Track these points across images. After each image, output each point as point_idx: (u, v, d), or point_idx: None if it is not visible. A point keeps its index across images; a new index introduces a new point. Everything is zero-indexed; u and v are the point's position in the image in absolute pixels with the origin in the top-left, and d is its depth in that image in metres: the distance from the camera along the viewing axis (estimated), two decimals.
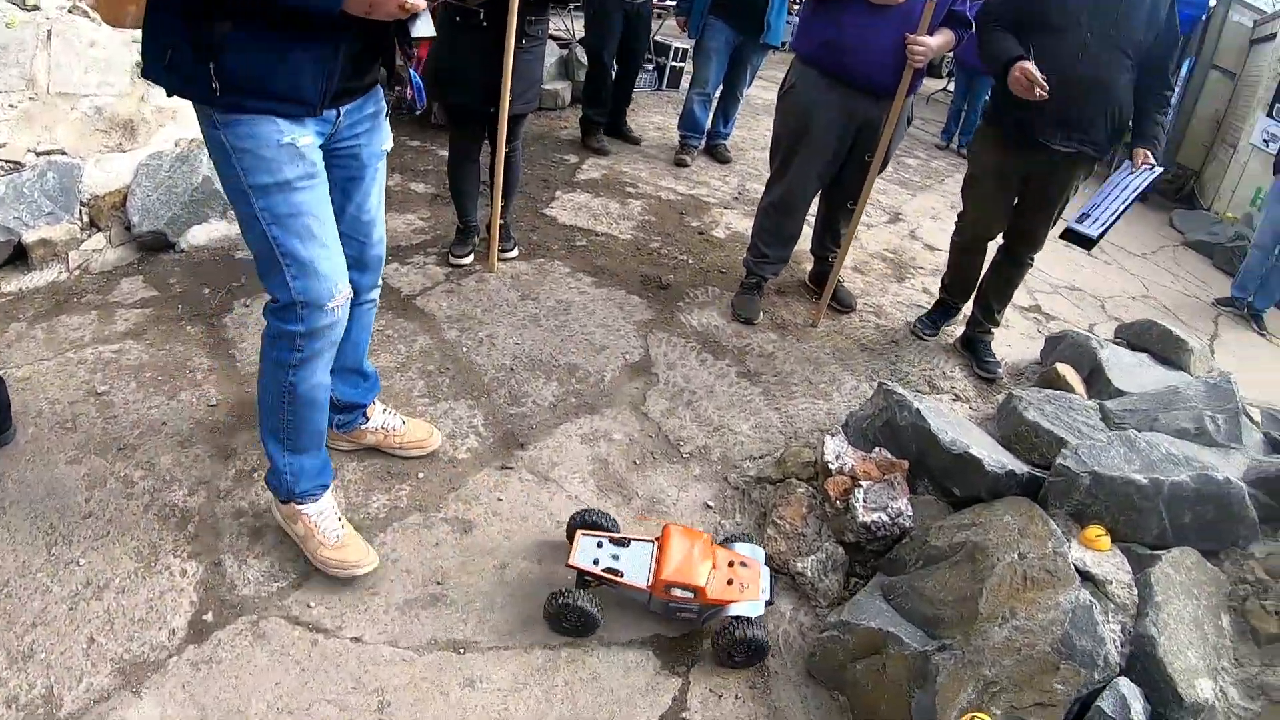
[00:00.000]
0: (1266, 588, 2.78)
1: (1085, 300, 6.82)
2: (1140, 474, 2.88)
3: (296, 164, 2.19)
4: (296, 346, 2.39)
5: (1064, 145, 4.11)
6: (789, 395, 4.14)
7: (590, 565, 2.69)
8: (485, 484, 3.19)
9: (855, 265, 5.94)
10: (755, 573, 2.75)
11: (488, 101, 4.19)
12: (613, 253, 5.17)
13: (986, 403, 4.47)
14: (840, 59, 4.04)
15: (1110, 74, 3.99)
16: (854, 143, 4.31)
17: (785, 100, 4.36)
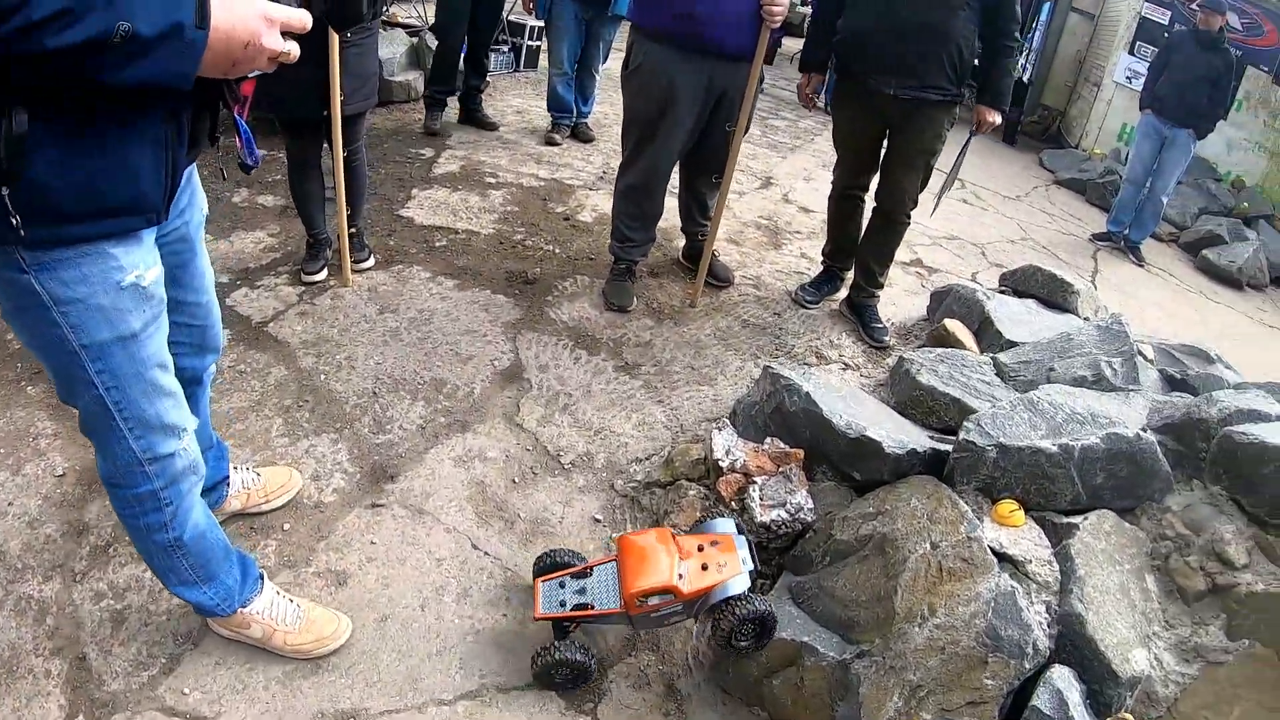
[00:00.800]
0: (1188, 542, 2.70)
1: (965, 249, 6.79)
2: (1048, 440, 2.75)
3: (143, 308, 1.75)
4: (163, 502, 2.03)
5: (901, 92, 4.05)
6: (671, 386, 3.92)
7: (558, 610, 2.49)
8: (356, 527, 2.91)
9: (729, 236, 5.75)
10: (730, 546, 2.52)
11: (318, 105, 3.81)
12: (475, 250, 4.85)
13: (878, 367, 4.34)
14: (695, 29, 3.80)
15: (939, 15, 3.90)
16: (713, 111, 4.12)
17: (635, 78, 4.10)
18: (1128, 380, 3.70)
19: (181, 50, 1.32)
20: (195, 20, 1.31)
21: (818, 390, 3.18)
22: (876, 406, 3.47)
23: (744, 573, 2.44)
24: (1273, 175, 11.92)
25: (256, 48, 1.43)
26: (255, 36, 1.41)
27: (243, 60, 1.44)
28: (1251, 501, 2.75)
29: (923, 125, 4.17)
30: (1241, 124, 11.68)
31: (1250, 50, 11.33)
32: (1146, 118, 8.26)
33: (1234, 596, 2.50)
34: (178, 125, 1.62)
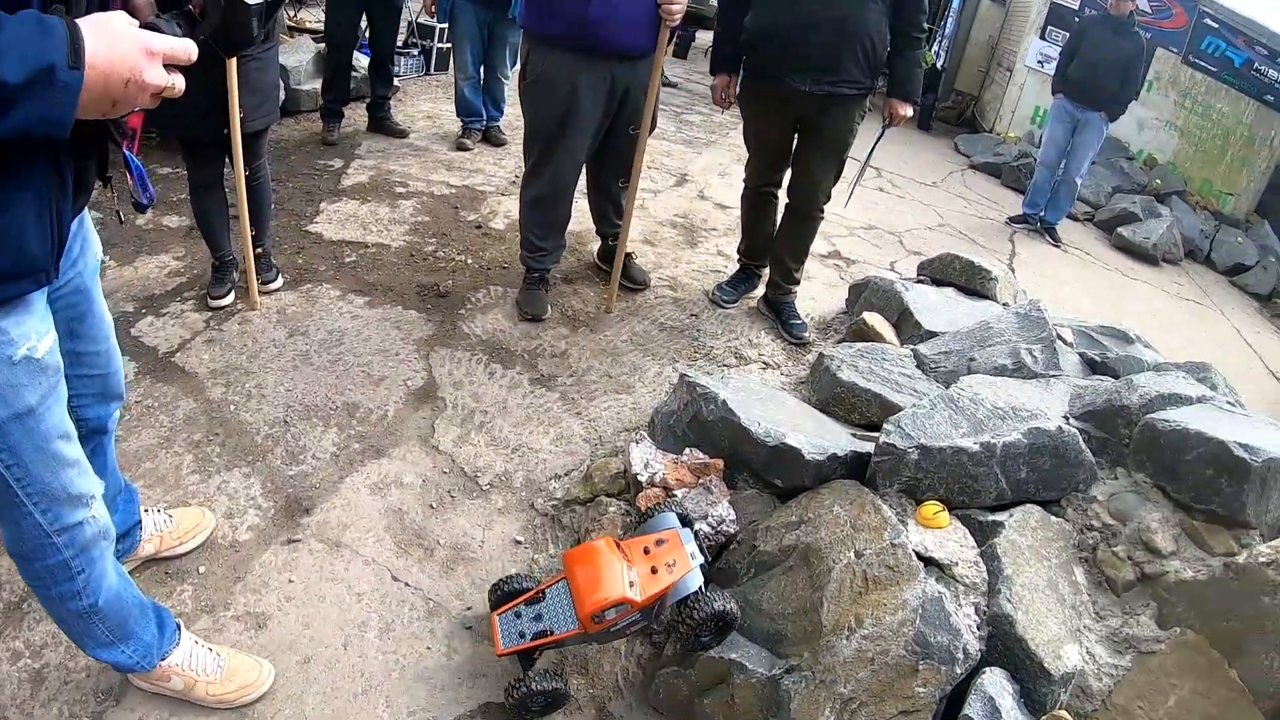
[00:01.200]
0: (1115, 532, 2.68)
1: (883, 238, 6.80)
2: (969, 438, 2.71)
3: (38, 380, 1.61)
4: (74, 571, 1.90)
5: (816, 88, 3.99)
6: (589, 396, 3.83)
7: (518, 642, 2.40)
8: (273, 565, 2.78)
9: (644, 237, 5.68)
10: (676, 543, 2.44)
11: (217, 123, 3.60)
12: (385, 265, 4.70)
13: (798, 364, 4.29)
14: (592, 33, 3.69)
15: (851, 8, 3.85)
16: (617, 112, 4.04)
17: (534, 89, 3.94)
18: (1048, 366, 3.69)
19: (55, 95, 1.19)
20: (68, 60, 1.18)
21: (735, 397, 3.11)
22: (797, 407, 3.41)
23: (695, 569, 2.37)
24: (1184, 153, 12.24)
25: (138, 84, 1.29)
26: (136, 73, 1.28)
27: (124, 99, 1.30)
28: (1176, 488, 2.73)
29: (836, 119, 4.13)
30: (1152, 104, 11.99)
31: (1160, 32, 11.69)
32: (1059, 101, 8.38)
33: (1163, 585, 2.48)
34: (60, 175, 1.48)
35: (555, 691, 2.36)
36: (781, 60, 3.96)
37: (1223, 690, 2.18)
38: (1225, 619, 2.28)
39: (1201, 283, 9.72)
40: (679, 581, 2.33)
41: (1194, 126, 12.27)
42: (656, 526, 2.52)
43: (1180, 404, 3.10)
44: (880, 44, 3.97)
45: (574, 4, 3.62)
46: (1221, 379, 3.96)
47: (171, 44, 1.33)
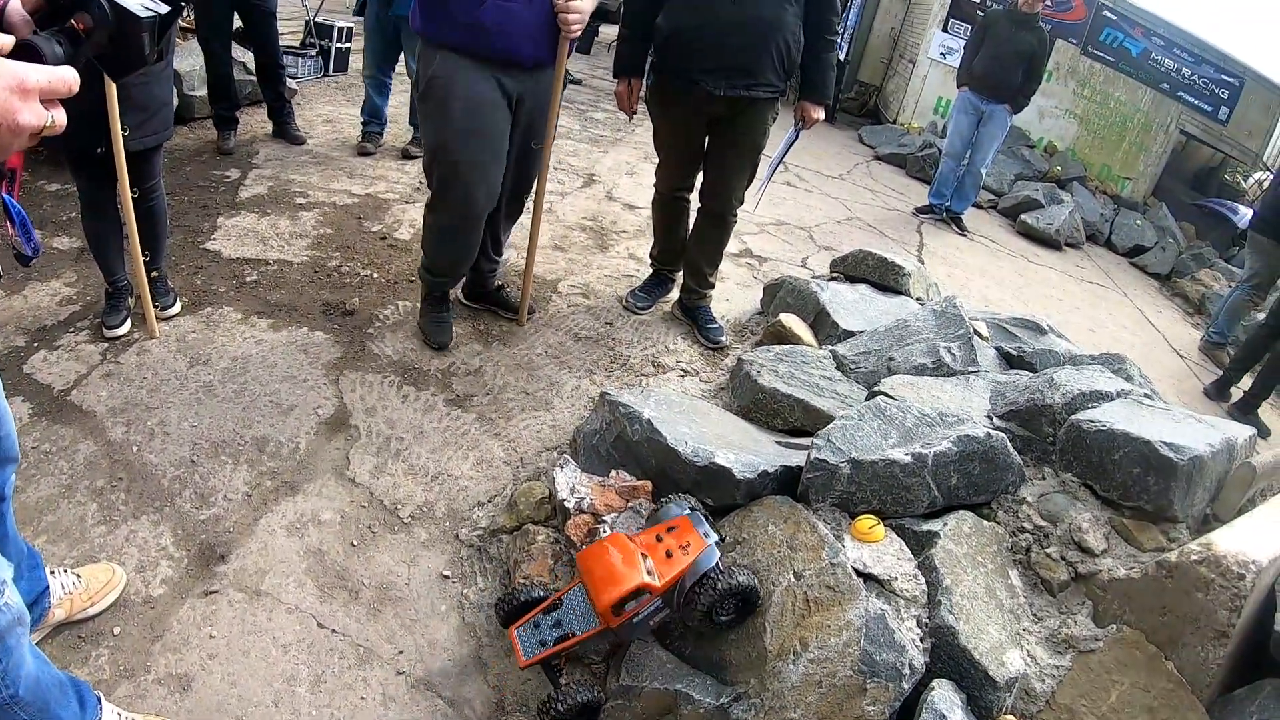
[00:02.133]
0: (1047, 533, 2.72)
1: (793, 234, 6.82)
2: (900, 449, 2.71)
3: None
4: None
5: (731, 91, 3.91)
6: (507, 415, 3.73)
7: (540, 651, 2.38)
8: (191, 620, 2.61)
9: (554, 242, 5.59)
10: (687, 527, 2.44)
11: (97, 135, 3.33)
12: (289, 283, 4.49)
13: (717, 370, 4.25)
14: (485, 39, 3.48)
15: (770, 11, 3.79)
16: (513, 128, 3.79)
17: (431, 99, 3.62)
18: (967, 363, 3.72)
19: None
20: None
21: (659, 415, 3.06)
22: (721, 417, 3.38)
23: (710, 545, 2.36)
24: (1083, 140, 12.60)
25: (13, 127, 1.16)
26: (9, 116, 1.15)
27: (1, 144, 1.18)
28: (1104, 487, 2.79)
29: (751, 122, 4.09)
30: (1052, 93, 12.36)
31: (1060, 24, 12.10)
32: (963, 94, 8.56)
33: (1097, 583, 2.51)
34: None
35: (588, 702, 2.31)
36: (697, 63, 3.87)
37: (1162, 683, 2.21)
38: (1160, 615, 2.31)
39: (1104, 265, 9.98)
40: (696, 560, 2.33)
41: (1093, 114, 12.65)
42: (664, 517, 2.53)
43: (1101, 400, 3.15)
44: (796, 46, 3.93)
45: (466, 7, 3.42)
46: (1136, 370, 4.03)
47: (48, 75, 1.20)
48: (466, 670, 2.58)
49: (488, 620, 2.73)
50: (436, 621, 2.71)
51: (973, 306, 5.40)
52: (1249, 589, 2.18)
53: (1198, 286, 10.03)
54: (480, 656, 2.62)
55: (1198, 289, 9.98)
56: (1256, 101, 13.01)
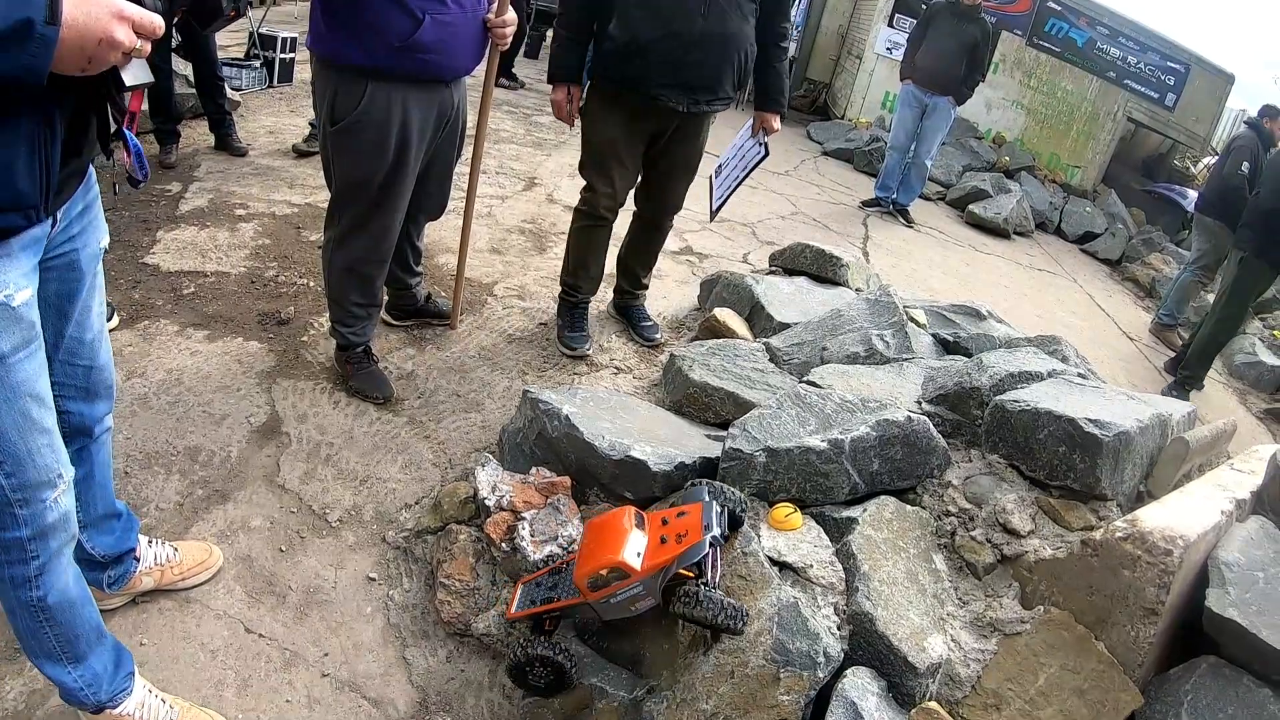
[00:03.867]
0: (972, 516, 2.70)
1: (736, 230, 6.81)
2: (817, 436, 2.68)
3: (12, 330, 1.60)
4: (29, 554, 1.81)
5: (692, 108, 3.78)
6: (437, 418, 3.68)
7: (528, 608, 2.39)
8: (123, 628, 2.56)
9: (492, 245, 5.54)
10: (696, 516, 2.34)
11: None
12: (225, 294, 4.44)
13: (651, 366, 4.22)
14: (424, 58, 3.19)
15: (734, 25, 3.67)
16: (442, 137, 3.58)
17: (357, 134, 3.23)
18: (900, 350, 3.70)
19: (32, 46, 1.31)
20: (45, 16, 1.29)
21: (580, 411, 3.03)
22: (649, 413, 3.34)
23: (704, 540, 2.25)
24: (1031, 130, 12.72)
25: (109, 43, 1.41)
26: (108, 32, 1.40)
27: (98, 56, 1.42)
28: (1030, 467, 2.78)
29: (700, 133, 4.02)
30: (999, 85, 12.49)
31: (1004, 16, 12.26)
32: (907, 87, 8.59)
33: (1023, 565, 2.49)
34: (50, 124, 1.55)
35: (556, 665, 2.29)
36: (657, 77, 3.67)
37: (1092, 664, 2.19)
38: (1088, 594, 2.29)
39: (1053, 252, 10.06)
40: (683, 552, 2.24)
41: (1040, 105, 12.77)
42: (686, 499, 2.46)
43: (1031, 381, 3.14)
44: (751, 58, 3.86)
45: (398, 26, 3.06)
46: (1072, 350, 4.03)
47: (142, 13, 1.45)
48: (390, 670, 2.56)
49: (412, 621, 2.71)
50: (362, 623, 2.68)
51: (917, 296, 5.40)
52: (1177, 565, 2.16)
53: (1148, 270, 10.14)
54: (404, 657, 2.59)
55: (1148, 273, 10.09)
56: (1202, 87, 13.18)
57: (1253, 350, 8.35)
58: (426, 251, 4.75)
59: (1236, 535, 2.49)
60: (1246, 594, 2.24)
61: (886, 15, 12.45)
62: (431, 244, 4.94)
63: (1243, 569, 2.33)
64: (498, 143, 7.82)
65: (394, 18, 3.01)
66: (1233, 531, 2.52)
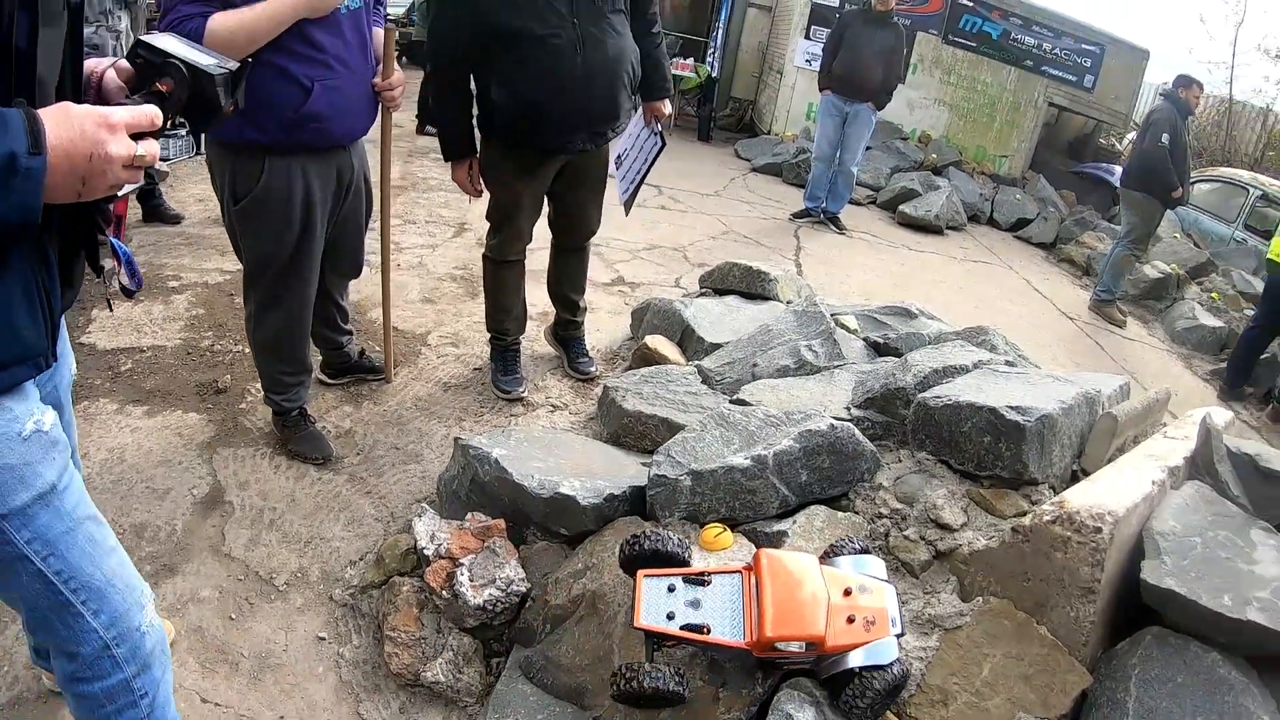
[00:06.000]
0: (904, 515, 2.72)
1: (667, 256, 6.83)
2: (740, 455, 2.70)
3: (52, 455, 1.53)
4: (137, 694, 1.73)
5: (597, 144, 3.77)
6: (378, 473, 3.68)
7: (664, 624, 2.11)
8: None
9: (424, 295, 5.53)
10: (880, 599, 2.16)
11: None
12: (163, 368, 4.42)
13: (587, 400, 4.23)
14: (326, 131, 3.20)
15: (614, 48, 3.61)
16: (342, 205, 3.55)
17: (260, 210, 3.21)
18: (830, 358, 3.74)
19: (19, 183, 1.20)
20: (28, 146, 1.19)
21: (510, 453, 3.03)
22: (584, 447, 3.35)
23: (892, 637, 2.12)
24: (955, 125, 12.93)
25: (103, 159, 1.28)
26: (99, 147, 1.27)
27: (93, 175, 1.29)
28: (959, 460, 2.81)
29: (603, 155, 3.98)
30: (919, 84, 12.72)
31: (919, 17, 12.53)
32: (826, 97, 8.70)
33: (959, 558, 2.52)
34: (46, 262, 1.46)
35: (669, 694, 2.07)
36: (557, 131, 3.63)
37: (1036, 648, 2.22)
38: (1024, 580, 2.32)
39: (988, 243, 10.20)
40: (873, 645, 2.09)
41: (962, 100, 12.97)
42: (866, 567, 2.27)
43: (956, 374, 3.19)
44: (638, 61, 3.81)
45: (289, 98, 3.07)
46: (1001, 338, 4.09)
47: (133, 113, 1.34)
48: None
49: (364, 676, 2.70)
50: (315, 683, 2.67)
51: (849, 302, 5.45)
52: (1108, 541, 2.19)
53: (1082, 249, 10.33)
54: (359, 712, 2.58)
55: (1082, 252, 10.28)
56: (1119, 65, 13.44)
57: (1192, 315, 8.56)
58: (358, 307, 4.76)
59: (1171, 503, 2.53)
60: (1184, 561, 2.27)
61: (802, 28, 12.59)
62: (364, 299, 4.94)
63: (1178, 536, 2.36)
64: (426, 191, 7.86)
65: (284, 90, 2.99)
66: (1167, 500, 2.56)
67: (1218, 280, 9.81)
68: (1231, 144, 20.26)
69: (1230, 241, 11.22)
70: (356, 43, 3.20)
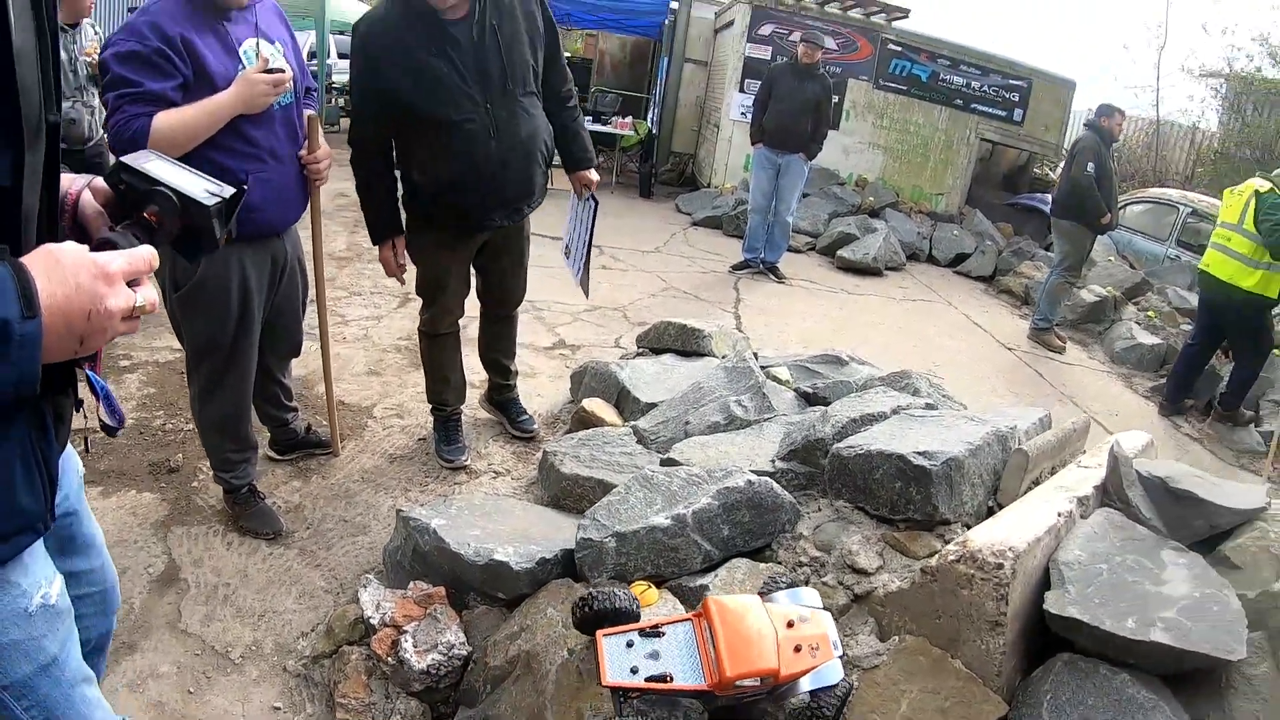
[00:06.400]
0: (823, 563, 2.82)
1: (607, 316, 6.96)
2: (662, 515, 2.81)
3: (56, 626, 1.51)
4: None
5: (514, 220, 3.92)
6: (327, 545, 3.77)
7: (629, 678, 2.17)
8: None
9: (369, 367, 5.62)
10: (820, 626, 2.28)
11: None
12: (116, 449, 4.47)
13: (528, 466, 4.34)
14: (259, 221, 3.34)
15: (527, 127, 3.76)
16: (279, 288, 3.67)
17: (196, 297, 3.34)
18: (760, 412, 3.86)
19: (15, 352, 1.08)
20: (21, 310, 1.07)
21: (447, 524, 3.14)
22: (524, 513, 3.46)
23: (836, 660, 2.24)
24: (890, 167, 13.23)
25: (102, 315, 1.17)
26: (98, 302, 1.16)
27: (92, 334, 1.19)
28: (874, 505, 2.93)
29: (523, 229, 4.13)
30: (853, 130, 13.01)
31: (849, 65, 12.90)
32: (759, 150, 8.91)
33: (875, 600, 2.62)
34: (41, 420, 1.38)
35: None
36: (475, 210, 3.78)
37: (951, 681, 2.30)
38: (936, 617, 2.43)
39: (927, 280, 10.42)
40: (819, 669, 2.20)
41: (895, 142, 13.27)
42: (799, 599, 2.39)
43: (875, 422, 3.32)
44: (552, 138, 3.95)
45: None
46: (925, 381, 4.24)
47: (129, 259, 1.24)
48: None
49: None
50: None
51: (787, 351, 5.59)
52: (1010, 576, 2.30)
53: (1020, 280, 10.58)
54: None
55: (1021, 282, 10.53)
56: (1046, 97, 13.78)
57: (1130, 335, 8.82)
58: (305, 381, 4.85)
59: (1080, 532, 2.66)
60: (1089, 589, 2.38)
61: (736, 82, 12.85)
62: (310, 374, 5.03)
63: (1084, 564, 2.48)
64: (370, 261, 7.85)
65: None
66: (1076, 529, 2.68)
67: (1154, 299, 10.08)
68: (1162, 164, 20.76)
69: (1164, 260, 11.54)
70: (286, 135, 3.36)
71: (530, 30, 3.75)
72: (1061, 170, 9.73)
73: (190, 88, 3.00)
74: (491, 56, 3.58)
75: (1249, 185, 6.97)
